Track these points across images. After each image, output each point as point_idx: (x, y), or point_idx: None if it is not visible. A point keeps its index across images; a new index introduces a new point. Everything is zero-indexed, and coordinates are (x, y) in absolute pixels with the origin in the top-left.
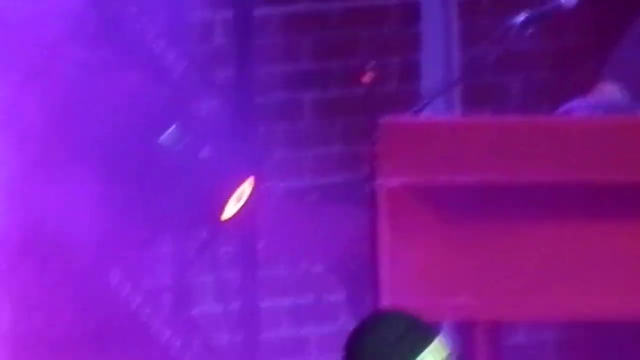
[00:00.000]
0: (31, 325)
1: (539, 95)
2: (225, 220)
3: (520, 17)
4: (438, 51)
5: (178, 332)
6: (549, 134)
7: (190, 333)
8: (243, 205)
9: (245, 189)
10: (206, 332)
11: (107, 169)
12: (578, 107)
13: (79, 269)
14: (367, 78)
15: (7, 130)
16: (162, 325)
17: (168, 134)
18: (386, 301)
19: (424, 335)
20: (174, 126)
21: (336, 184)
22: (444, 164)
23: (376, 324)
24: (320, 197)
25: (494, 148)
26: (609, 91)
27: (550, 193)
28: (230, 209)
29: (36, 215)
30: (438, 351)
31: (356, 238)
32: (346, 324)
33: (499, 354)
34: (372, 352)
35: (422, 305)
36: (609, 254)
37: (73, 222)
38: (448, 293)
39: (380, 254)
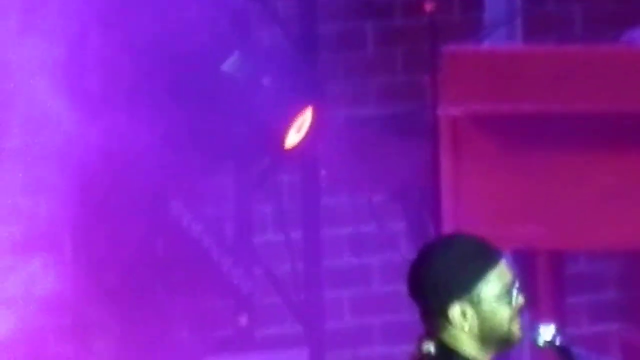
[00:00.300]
0: (95, 252)
1: (601, 24)
2: (287, 149)
3: None
4: None
5: (240, 260)
6: (612, 62)
7: (251, 261)
8: (304, 135)
9: (306, 118)
10: (268, 260)
11: (170, 97)
12: None
13: (142, 197)
14: (429, 7)
15: (72, 61)
16: (224, 253)
17: (230, 62)
18: (448, 230)
19: (489, 257)
20: (236, 54)
21: (398, 113)
22: (506, 92)
23: (442, 246)
24: (382, 126)
25: (556, 77)
26: None
27: (614, 122)
28: (292, 138)
29: (100, 144)
30: (502, 274)
31: (418, 167)
32: (407, 252)
33: (560, 283)
34: (438, 272)
35: (484, 233)
36: None
37: (136, 151)
38: (510, 222)
39: (443, 183)
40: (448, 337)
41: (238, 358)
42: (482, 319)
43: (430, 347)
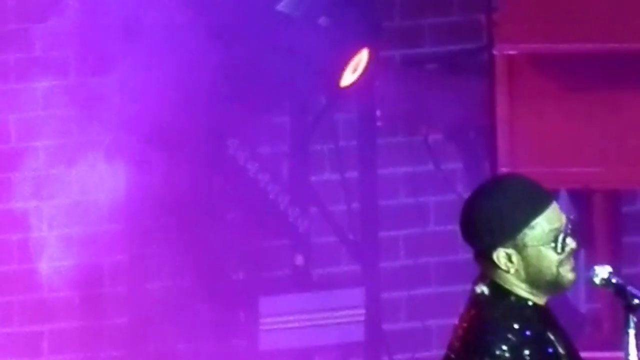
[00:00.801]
0: (152, 190)
1: None
2: (343, 89)
3: None
4: None
5: (296, 199)
6: None
7: (308, 201)
8: (361, 73)
9: (362, 58)
10: (324, 199)
11: (228, 35)
12: None
13: (199, 136)
14: None
15: None
16: (280, 192)
17: (286, 2)
18: (504, 169)
19: (537, 202)
20: None
21: (455, 52)
22: (562, 31)
23: (490, 189)
24: (439, 65)
25: (614, 15)
26: None
27: None
28: (348, 77)
29: (159, 80)
30: (552, 219)
31: (474, 106)
32: (463, 192)
33: (616, 222)
34: (483, 216)
35: (540, 173)
36: None
37: (194, 88)
38: (566, 161)
39: (499, 122)
40: (499, 279)
41: (294, 298)
42: (527, 263)
43: (483, 288)
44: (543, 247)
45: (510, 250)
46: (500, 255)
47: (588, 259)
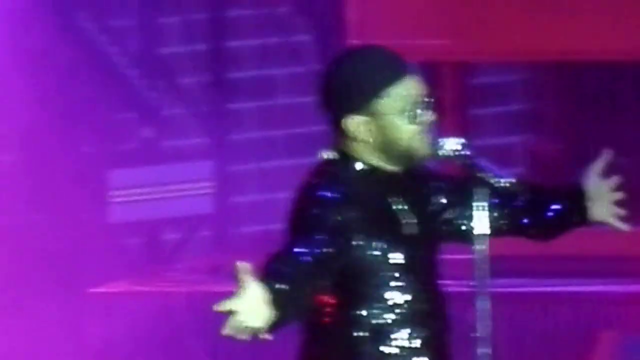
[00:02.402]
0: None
1: None
2: None
3: None
4: None
5: (145, 71)
6: None
7: (157, 73)
8: None
9: None
10: (173, 72)
11: None
12: None
13: (46, 8)
14: None
15: None
16: (129, 65)
17: None
18: (352, 42)
19: (392, 71)
20: None
21: None
22: None
23: (352, 55)
24: None
25: None
26: None
27: None
28: None
29: None
30: (407, 89)
31: None
32: (312, 64)
33: (465, 94)
34: (337, 84)
35: (390, 45)
36: None
37: None
38: (416, 34)
39: None
40: (349, 148)
41: (143, 170)
42: (382, 132)
43: (329, 154)
44: (398, 116)
45: (366, 118)
46: (353, 122)
47: (436, 131)
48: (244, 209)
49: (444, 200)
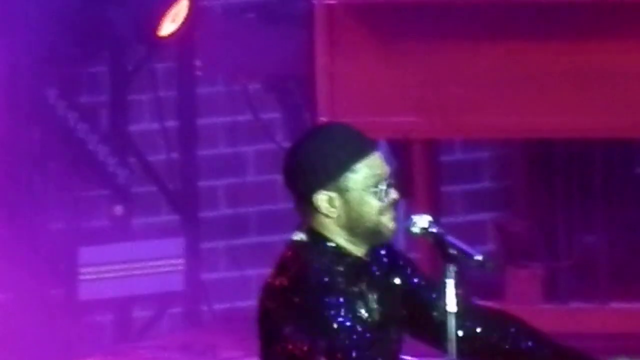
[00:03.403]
0: None
1: None
2: (162, 38)
3: None
4: None
5: (115, 149)
6: None
7: (127, 150)
8: (180, 23)
9: (182, 7)
10: (143, 149)
11: None
12: None
13: (17, 86)
14: None
15: None
16: (100, 142)
17: None
18: (323, 119)
19: (360, 147)
20: None
21: (274, 1)
22: None
23: (314, 134)
24: (258, 14)
25: None
26: None
27: (489, 11)
28: (168, 27)
29: None
30: (374, 166)
31: (294, 56)
32: (282, 141)
33: (435, 172)
34: (306, 159)
35: (360, 122)
36: (546, 73)
37: (9, 37)
38: (386, 111)
39: (319, 71)
40: (318, 225)
41: (113, 248)
42: (349, 208)
43: (301, 235)
44: (365, 192)
45: (333, 194)
46: (320, 198)
47: (407, 208)
48: (214, 286)
49: (407, 287)
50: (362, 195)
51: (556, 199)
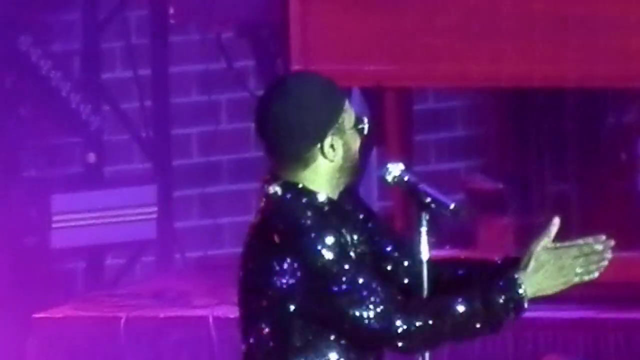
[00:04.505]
0: None
1: None
2: None
3: None
4: None
5: (88, 97)
6: None
7: (100, 98)
8: None
9: None
10: (116, 97)
11: None
12: None
13: None
14: None
15: None
16: (73, 89)
17: None
18: (296, 66)
19: (340, 89)
20: None
21: None
22: None
23: (297, 87)
24: None
25: None
26: None
27: None
28: None
29: None
30: (350, 105)
31: (267, 4)
32: (255, 89)
33: (409, 121)
34: (301, 112)
35: (333, 70)
36: (520, 20)
37: None
38: (359, 59)
39: (291, 19)
40: (297, 178)
41: (86, 195)
42: (346, 148)
43: (276, 188)
44: (353, 130)
45: (335, 137)
46: (326, 144)
47: (380, 157)
48: (187, 233)
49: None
50: (352, 134)
51: (529, 147)
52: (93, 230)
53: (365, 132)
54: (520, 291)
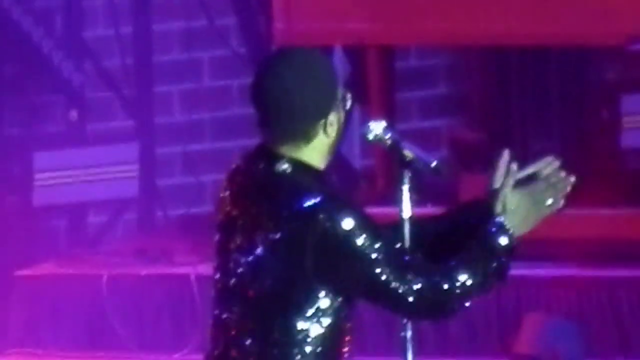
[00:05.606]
0: None
1: None
2: None
3: None
4: None
5: (70, 54)
6: None
7: (82, 55)
8: None
9: None
10: (98, 54)
11: None
12: None
13: None
14: None
15: None
16: (54, 47)
17: None
18: (279, 25)
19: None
20: None
21: None
22: None
23: (296, 60)
24: None
25: None
26: None
27: None
28: None
29: None
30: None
31: None
32: (237, 47)
33: (390, 79)
34: (315, 84)
35: (315, 28)
36: None
37: None
38: (341, 17)
39: None
40: (297, 154)
41: (69, 153)
42: (339, 124)
43: (283, 166)
44: (342, 103)
45: (334, 113)
46: (329, 120)
47: (362, 115)
48: (169, 192)
49: None
50: (342, 110)
51: (511, 105)
52: (75, 188)
53: (348, 107)
54: (511, 232)
